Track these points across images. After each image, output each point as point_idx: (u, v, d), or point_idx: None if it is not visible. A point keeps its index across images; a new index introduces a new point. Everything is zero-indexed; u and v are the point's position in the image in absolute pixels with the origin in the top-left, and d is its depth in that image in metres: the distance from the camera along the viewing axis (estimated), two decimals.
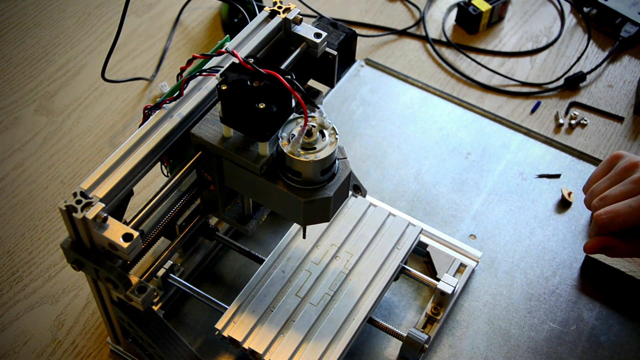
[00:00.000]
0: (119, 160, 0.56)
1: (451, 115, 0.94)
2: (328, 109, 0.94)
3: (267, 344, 0.65)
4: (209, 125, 0.59)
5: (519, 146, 0.91)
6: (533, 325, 0.76)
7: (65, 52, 1.01)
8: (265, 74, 0.55)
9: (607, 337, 0.75)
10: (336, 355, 0.65)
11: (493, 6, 1.04)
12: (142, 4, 1.08)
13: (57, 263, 0.79)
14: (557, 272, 0.80)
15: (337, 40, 0.66)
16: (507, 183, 0.87)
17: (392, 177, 0.87)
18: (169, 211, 0.64)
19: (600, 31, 1.06)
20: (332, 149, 0.56)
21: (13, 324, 0.75)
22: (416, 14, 1.08)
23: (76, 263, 0.56)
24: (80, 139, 0.91)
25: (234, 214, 0.67)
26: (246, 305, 0.68)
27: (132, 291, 0.56)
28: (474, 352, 0.74)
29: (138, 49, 1.02)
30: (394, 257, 0.72)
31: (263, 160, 0.57)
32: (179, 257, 0.77)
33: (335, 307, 0.68)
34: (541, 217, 0.84)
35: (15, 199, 0.85)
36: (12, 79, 0.97)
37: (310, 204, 0.57)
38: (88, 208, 0.52)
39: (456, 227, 0.83)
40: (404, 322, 0.75)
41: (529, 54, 1.03)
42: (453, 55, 1.03)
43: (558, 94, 0.98)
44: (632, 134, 0.93)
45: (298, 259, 0.71)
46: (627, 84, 0.99)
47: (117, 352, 0.72)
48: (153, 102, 0.82)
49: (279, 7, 0.66)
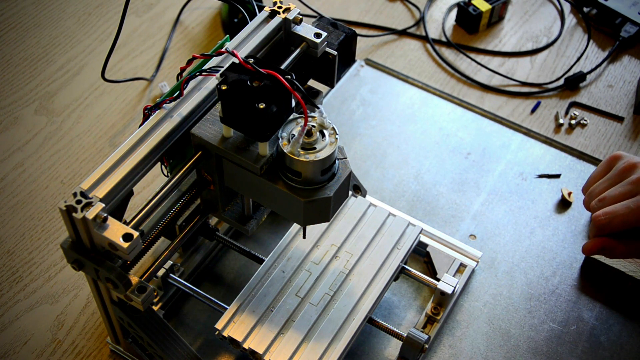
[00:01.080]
0: (119, 160, 0.56)
1: (451, 115, 0.94)
2: (328, 109, 0.94)
3: (267, 344, 0.65)
4: (209, 125, 0.59)
5: (519, 146, 0.91)
6: (533, 325, 0.76)
7: (65, 52, 1.01)
8: (265, 74, 0.55)
9: (607, 337, 0.75)
10: (336, 355, 0.65)
11: (493, 6, 1.04)
12: (142, 4, 1.08)
13: (57, 263, 0.79)
14: (557, 272, 0.80)
15: (337, 40, 0.66)
16: (507, 183, 0.87)
17: (392, 177, 0.87)
18: (169, 211, 0.64)
19: (600, 31, 1.06)
20: (332, 149, 0.56)
21: (13, 324, 0.75)
22: (416, 14, 1.08)
23: (76, 263, 0.56)
24: (80, 139, 0.91)
25: (234, 214, 0.67)
26: (246, 305, 0.68)
27: (132, 291, 0.56)
28: (474, 352, 0.74)
29: (138, 49, 1.02)
30: (394, 257, 0.72)
31: (263, 160, 0.57)
32: (179, 257, 0.77)
33: (335, 307, 0.68)
34: (541, 217, 0.84)
35: (15, 199, 0.85)
36: (12, 79, 0.97)
37: (310, 204, 0.57)
38: (88, 208, 0.52)
39: (456, 227, 0.83)
40: (404, 322, 0.75)
41: (529, 54, 1.03)
42: (453, 55, 1.03)
43: (558, 94, 0.98)
44: (632, 134, 0.93)
45: (298, 259, 0.71)
46: (627, 84, 0.99)
47: (117, 352, 0.72)
48: (153, 102, 0.82)
49: (279, 7, 0.66)
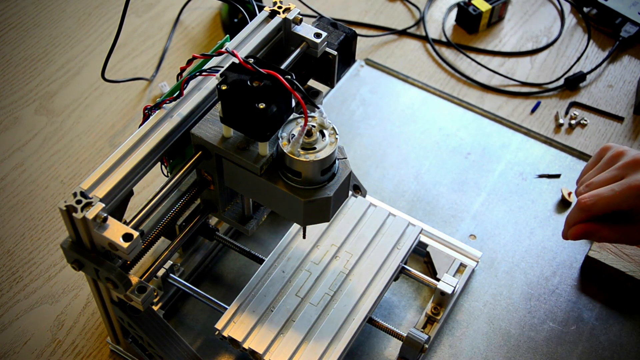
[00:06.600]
0: (119, 160, 0.56)
1: (451, 115, 0.94)
2: (328, 109, 0.94)
3: (267, 344, 0.65)
4: (209, 125, 0.59)
5: (519, 146, 0.91)
6: (533, 325, 0.76)
7: (65, 52, 1.01)
8: (265, 74, 0.55)
9: (607, 337, 0.75)
10: (336, 355, 0.65)
11: (493, 6, 1.04)
12: (142, 4, 1.08)
13: (57, 263, 0.79)
14: (557, 272, 0.80)
15: (337, 40, 0.66)
16: (507, 183, 0.87)
17: (392, 177, 0.87)
18: (169, 211, 0.64)
19: (600, 31, 1.06)
20: (332, 149, 0.56)
21: (13, 324, 0.75)
22: (416, 14, 1.08)
23: (76, 263, 0.56)
24: (80, 139, 0.91)
25: (234, 214, 0.67)
26: (246, 305, 0.68)
27: (132, 291, 0.56)
28: (474, 352, 0.74)
29: (138, 49, 1.02)
30: (394, 257, 0.72)
31: (263, 160, 0.57)
32: (179, 257, 0.77)
33: (335, 307, 0.68)
34: (541, 217, 0.84)
35: (15, 199, 0.85)
36: (12, 79, 0.97)
37: (310, 204, 0.57)
38: (88, 208, 0.52)
39: (456, 227, 0.83)
40: (404, 322, 0.75)
41: (529, 54, 1.03)
42: (453, 55, 1.03)
43: (558, 94, 0.98)
44: (632, 134, 0.93)
45: (298, 259, 0.71)
46: (627, 84, 0.99)
47: (117, 352, 0.72)
48: (153, 102, 0.82)
49: (279, 7, 0.66)
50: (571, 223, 0.70)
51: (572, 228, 0.71)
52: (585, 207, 0.68)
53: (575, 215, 0.70)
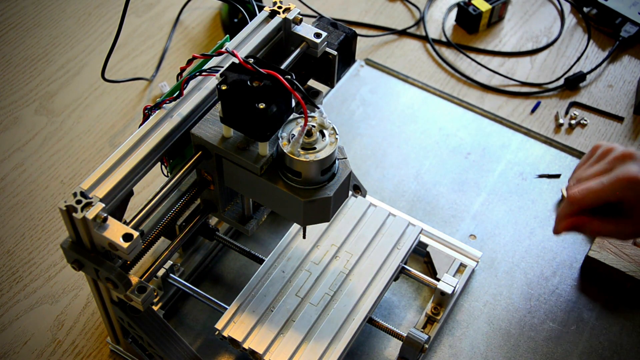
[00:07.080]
0: (119, 160, 0.56)
1: (451, 115, 0.94)
2: (328, 109, 0.94)
3: (267, 344, 0.65)
4: (209, 125, 0.59)
5: (519, 146, 0.91)
6: (533, 325, 0.76)
7: (65, 52, 1.01)
8: (265, 74, 0.55)
9: (607, 337, 0.75)
10: (336, 355, 0.65)
11: (493, 6, 1.04)
12: (142, 4, 1.08)
13: (57, 263, 0.79)
14: (557, 272, 0.80)
15: (337, 40, 0.66)
16: (507, 183, 0.87)
17: (392, 177, 0.87)
18: (169, 211, 0.64)
19: (600, 31, 1.06)
20: (332, 149, 0.56)
21: (13, 324, 0.75)
22: (416, 14, 1.08)
23: (76, 263, 0.56)
24: (80, 139, 0.91)
25: (234, 214, 0.67)
26: (246, 305, 0.68)
27: (132, 291, 0.56)
28: (474, 352, 0.74)
29: (138, 49, 1.02)
30: (394, 257, 0.72)
31: (263, 160, 0.57)
32: (179, 257, 0.77)
33: (335, 307, 0.68)
34: (541, 217, 0.84)
35: (15, 199, 0.85)
36: (12, 79, 0.97)
37: (310, 204, 0.57)
38: (88, 208, 0.52)
39: (456, 227, 0.83)
40: (404, 322, 0.75)
41: (529, 54, 1.03)
42: (453, 55, 1.03)
43: (558, 94, 0.98)
44: (632, 134, 0.93)
45: (298, 259, 0.71)
46: (627, 84, 0.99)
47: (117, 352, 0.72)
48: (153, 102, 0.82)
49: (279, 7, 0.66)
50: (562, 217, 0.70)
51: (562, 222, 0.71)
52: (574, 200, 0.68)
53: (565, 209, 0.70)
